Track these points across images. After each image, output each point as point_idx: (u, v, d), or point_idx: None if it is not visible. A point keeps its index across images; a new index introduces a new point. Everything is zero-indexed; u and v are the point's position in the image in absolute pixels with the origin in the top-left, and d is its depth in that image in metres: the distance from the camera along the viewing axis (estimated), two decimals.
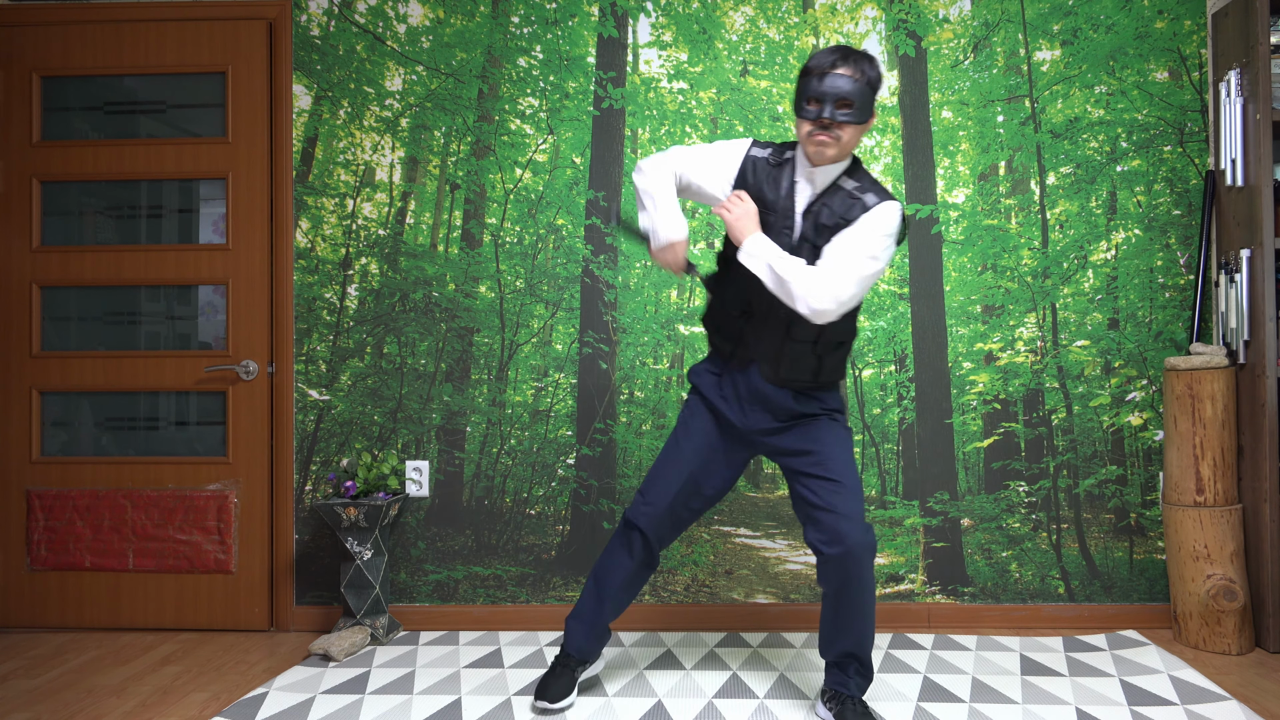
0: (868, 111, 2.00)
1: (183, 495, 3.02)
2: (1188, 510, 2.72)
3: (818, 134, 1.99)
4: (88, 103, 3.10)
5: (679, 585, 3.01)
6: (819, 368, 2.13)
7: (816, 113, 1.97)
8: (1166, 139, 2.98)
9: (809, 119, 1.99)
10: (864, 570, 2.07)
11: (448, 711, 2.27)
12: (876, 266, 2.00)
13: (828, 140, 1.99)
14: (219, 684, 2.52)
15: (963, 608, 2.95)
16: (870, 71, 2.01)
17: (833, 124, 1.97)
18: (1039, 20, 3.00)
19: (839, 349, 2.15)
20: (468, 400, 3.05)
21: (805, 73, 2.03)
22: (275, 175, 3.03)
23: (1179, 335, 2.96)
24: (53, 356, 3.07)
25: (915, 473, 3.01)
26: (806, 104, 2.00)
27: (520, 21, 3.05)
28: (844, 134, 2.00)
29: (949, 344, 3.01)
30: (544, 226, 3.05)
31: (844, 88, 1.96)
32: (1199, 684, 2.41)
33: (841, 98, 1.96)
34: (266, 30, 3.04)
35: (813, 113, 1.98)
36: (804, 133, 2.02)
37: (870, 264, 1.99)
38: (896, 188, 3.01)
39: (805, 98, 2.00)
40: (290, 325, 3.03)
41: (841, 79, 1.96)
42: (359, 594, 2.80)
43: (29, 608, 3.05)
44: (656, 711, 2.27)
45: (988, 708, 2.27)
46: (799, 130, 2.04)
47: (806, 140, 2.03)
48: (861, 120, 1.99)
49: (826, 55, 2.00)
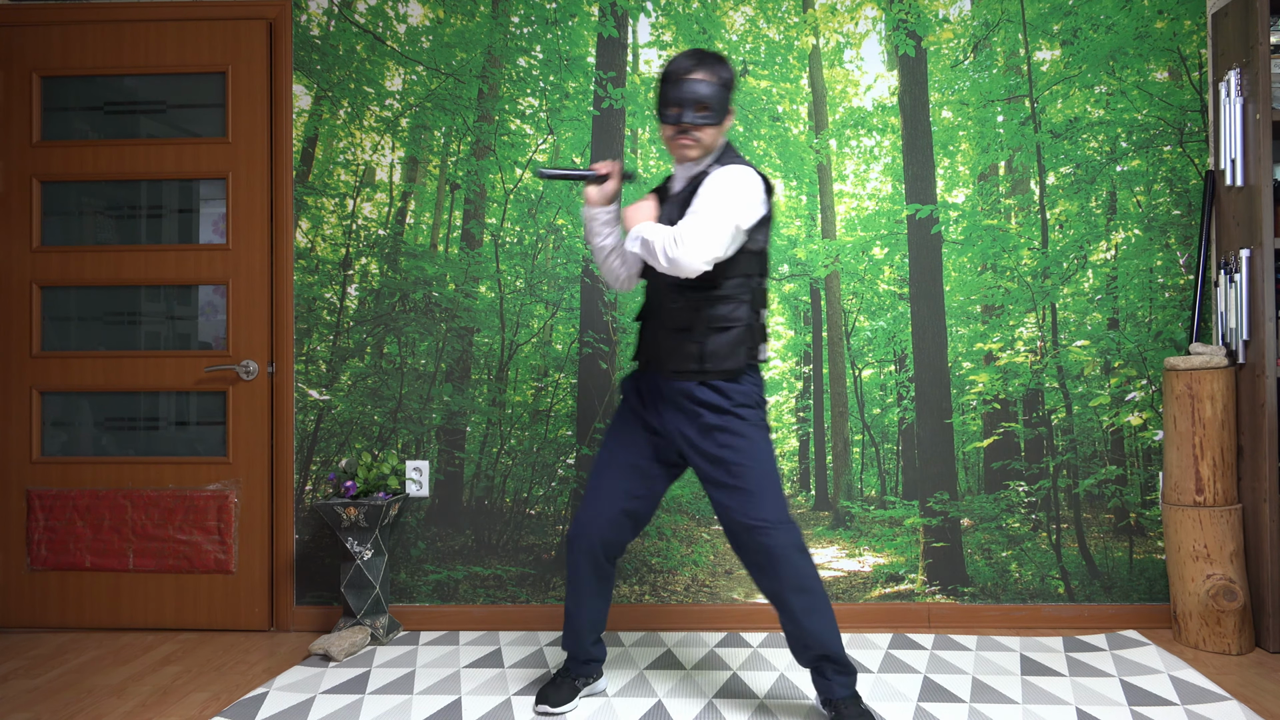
0: (724, 112, 2.11)
1: (183, 495, 3.02)
2: (1187, 510, 2.73)
3: (679, 138, 2.10)
4: (88, 103, 3.10)
5: (679, 585, 3.01)
6: (702, 354, 2.10)
7: (677, 117, 2.08)
8: (1166, 139, 2.98)
9: (670, 123, 2.10)
10: (798, 570, 2.09)
11: (448, 711, 2.28)
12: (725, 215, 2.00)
13: (689, 143, 2.10)
14: (219, 684, 2.52)
15: (963, 608, 2.96)
16: (724, 73, 2.11)
17: (692, 127, 2.08)
18: (1039, 20, 3.00)
19: (724, 334, 2.11)
20: (468, 400, 3.05)
21: (664, 79, 2.11)
22: (275, 175, 3.03)
23: (1179, 335, 2.96)
24: (53, 356, 3.07)
25: (915, 473, 3.01)
26: (667, 110, 2.10)
27: (520, 21, 3.05)
28: (703, 135, 2.10)
29: (949, 344, 3.01)
30: (544, 226, 3.05)
31: (701, 92, 2.06)
32: (1199, 684, 2.41)
33: (699, 102, 2.07)
34: (266, 30, 3.04)
35: (673, 117, 2.09)
36: (667, 136, 2.14)
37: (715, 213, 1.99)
38: (896, 187, 3.02)
39: (666, 103, 2.10)
40: (290, 325, 3.03)
41: (699, 84, 2.06)
42: (359, 594, 2.80)
43: (29, 608, 3.05)
44: (656, 711, 2.27)
45: (988, 708, 2.27)
46: (662, 134, 2.15)
47: (670, 144, 2.14)
48: (718, 122, 2.10)
49: (683, 60, 2.09)
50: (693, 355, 2.11)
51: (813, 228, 3.04)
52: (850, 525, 3.01)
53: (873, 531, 3.00)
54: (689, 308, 2.12)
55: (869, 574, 2.99)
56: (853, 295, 3.04)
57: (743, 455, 2.10)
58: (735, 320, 2.12)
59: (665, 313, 2.15)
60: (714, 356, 2.11)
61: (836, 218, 3.03)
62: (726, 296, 2.11)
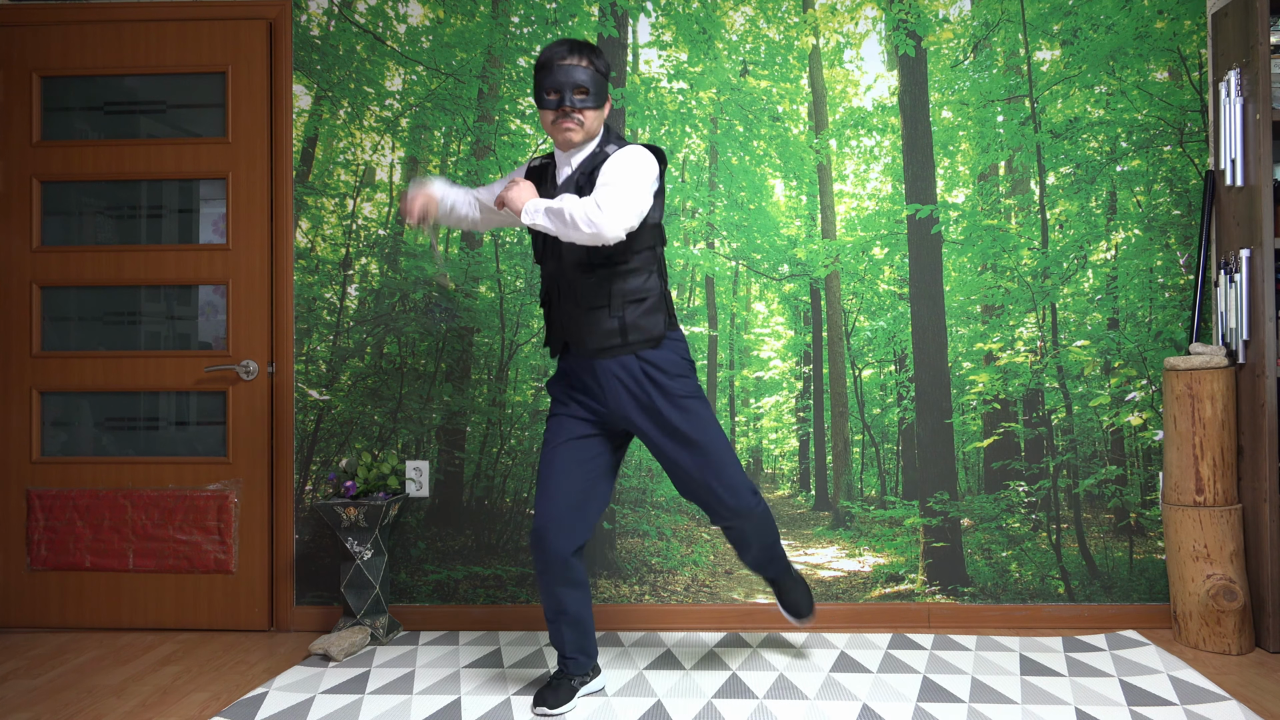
0: (603, 97, 2.18)
1: (183, 495, 3.02)
2: (1187, 510, 2.72)
3: (561, 120, 2.15)
4: (88, 103, 3.11)
5: (679, 585, 3.01)
6: (624, 328, 2.18)
7: (557, 101, 2.13)
8: (1166, 139, 2.98)
9: (550, 108, 2.15)
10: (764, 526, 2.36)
11: (447, 711, 2.28)
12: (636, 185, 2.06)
13: (571, 126, 2.15)
14: (219, 684, 2.52)
15: (963, 608, 2.96)
16: (599, 61, 2.18)
17: (573, 110, 2.13)
18: (1039, 20, 3.00)
19: (640, 304, 2.19)
20: (468, 400, 3.05)
21: (540, 67, 2.16)
22: (275, 175, 3.03)
23: (1179, 335, 2.96)
24: (53, 356, 3.07)
25: (915, 473, 3.01)
26: (546, 95, 2.15)
27: (520, 21, 3.05)
28: (585, 118, 2.16)
29: (949, 344, 3.01)
30: None
31: (579, 77, 2.13)
32: (1199, 684, 2.41)
33: (578, 85, 2.13)
34: (266, 30, 3.04)
35: (553, 102, 2.14)
36: (549, 121, 2.18)
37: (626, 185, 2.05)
38: (896, 187, 3.02)
39: (544, 89, 2.15)
40: (290, 325, 3.03)
41: (575, 69, 2.13)
42: (359, 594, 2.80)
43: (29, 608, 3.05)
44: (656, 711, 2.27)
45: (987, 708, 2.27)
46: (544, 121, 2.19)
47: (553, 129, 2.18)
48: (598, 105, 2.17)
49: (557, 47, 2.15)
50: (614, 331, 2.18)
51: (813, 228, 3.04)
52: (850, 525, 3.01)
53: (873, 531, 3.00)
54: (600, 284, 2.17)
55: (869, 574, 2.99)
56: (853, 295, 3.04)
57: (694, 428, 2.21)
58: (649, 290, 2.21)
59: (579, 292, 2.19)
60: (635, 329, 2.18)
61: (836, 218, 3.03)
62: (636, 269, 2.20)
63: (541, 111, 2.18)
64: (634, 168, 2.10)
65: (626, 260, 2.17)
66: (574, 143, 2.18)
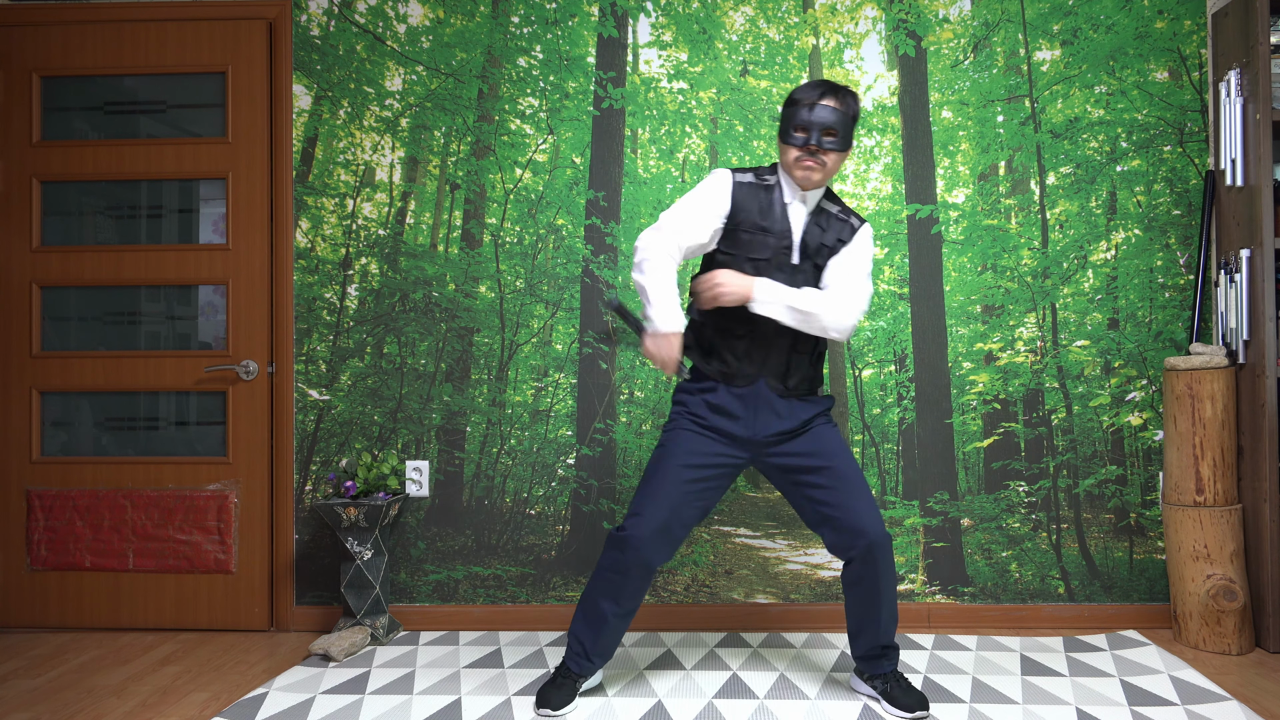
0: (849, 141, 2.17)
1: (183, 495, 3.02)
2: (1188, 510, 2.72)
3: (805, 160, 2.14)
4: (88, 103, 3.10)
5: (679, 585, 3.01)
6: (815, 375, 2.30)
7: (805, 140, 2.13)
8: (1166, 139, 2.98)
9: (797, 145, 2.14)
10: (888, 561, 2.22)
11: (448, 711, 2.28)
12: (870, 286, 2.25)
13: (814, 166, 2.14)
14: (219, 684, 2.52)
15: (963, 608, 2.96)
16: (852, 106, 2.17)
17: (819, 150, 2.13)
18: (1039, 20, 3.00)
19: (821, 357, 2.34)
20: (468, 400, 3.05)
21: (793, 103, 2.17)
22: (275, 175, 3.03)
23: (1179, 335, 2.96)
24: (53, 356, 3.07)
25: (915, 473, 3.01)
26: (795, 131, 2.15)
27: (520, 21, 3.05)
28: (829, 160, 2.15)
29: (949, 344, 3.01)
30: (544, 226, 3.05)
31: (830, 119, 2.12)
32: (1199, 684, 2.41)
33: (828, 128, 2.13)
34: (266, 30, 3.04)
35: (801, 140, 2.13)
36: (791, 159, 2.16)
37: (868, 280, 2.23)
38: (897, 187, 3.02)
39: (794, 125, 2.15)
40: (290, 325, 3.03)
41: (828, 110, 2.12)
42: (359, 594, 2.80)
43: (29, 608, 3.05)
44: (656, 712, 2.27)
45: (988, 708, 2.27)
46: (785, 156, 2.18)
47: (794, 165, 2.16)
48: (844, 149, 2.16)
49: (815, 87, 2.15)
50: (810, 376, 2.28)
51: None
52: None
53: None
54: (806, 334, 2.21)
55: None
56: None
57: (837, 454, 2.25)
58: (823, 345, 2.32)
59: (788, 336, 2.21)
60: (820, 374, 2.32)
61: None
62: None
63: (783, 146, 2.17)
64: (870, 261, 2.24)
65: None
66: (814, 183, 2.17)
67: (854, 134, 2.20)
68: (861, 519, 2.17)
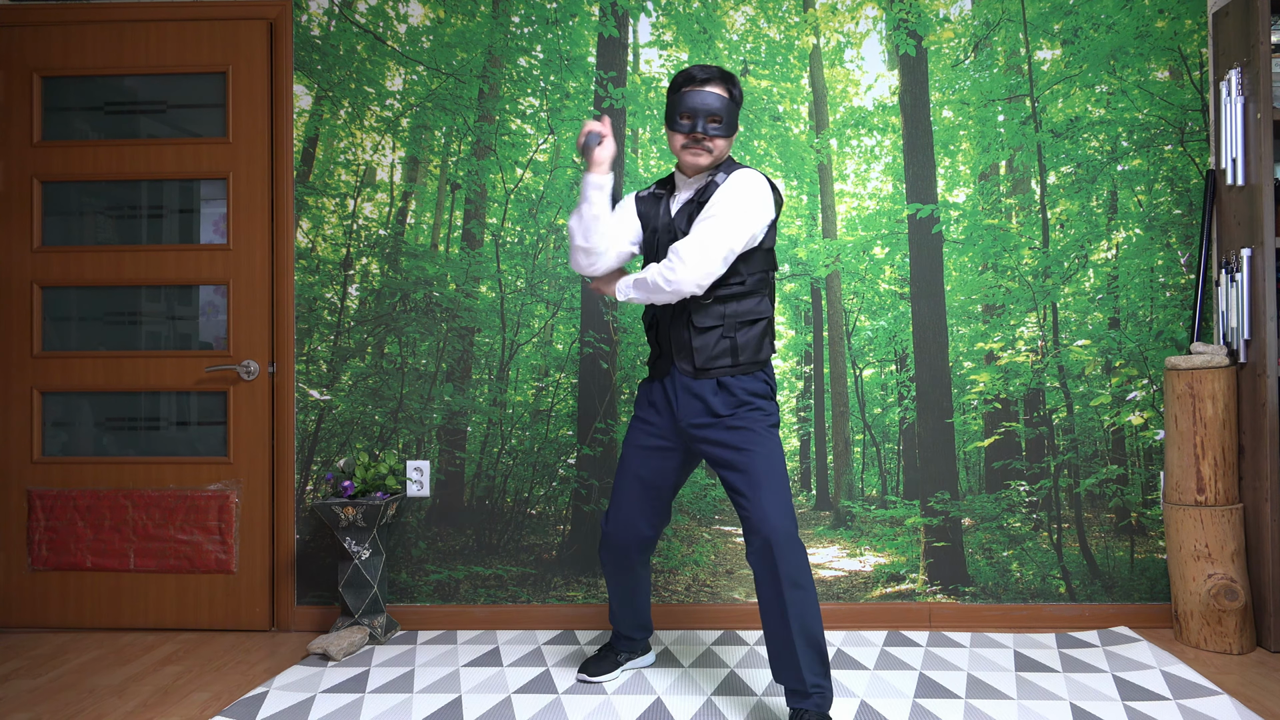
0: (734, 126, 2.17)
1: (184, 495, 3.02)
2: (1188, 510, 2.72)
3: (691, 146, 2.15)
4: (88, 103, 3.11)
5: (680, 585, 3.01)
6: (734, 348, 2.19)
7: (690, 126, 2.13)
8: (1167, 138, 2.97)
9: (683, 132, 2.15)
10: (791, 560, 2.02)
11: (448, 710, 2.28)
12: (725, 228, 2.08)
13: (700, 151, 2.16)
14: (220, 684, 2.52)
15: (964, 607, 2.95)
16: (735, 91, 2.18)
17: (705, 137, 2.13)
18: (1039, 19, 3.00)
19: (752, 327, 2.20)
20: (468, 400, 3.05)
21: (676, 89, 2.17)
22: (276, 175, 3.04)
23: (1180, 334, 2.96)
24: (53, 357, 3.07)
25: (916, 472, 3.01)
26: (680, 118, 2.15)
27: (521, 21, 3.05)
28: (715, 146, 2.16)
29: (950, 343, 3.01)
30: (545, 226, 3.05)
31: (714, 105, 2.12)
32: (1191, 679, 2.41)
33: (712, 114, 2.13)
34: (267, 30, 3.04)
35: (686, 126, 2.14)
36: (678, 145, 2.18)
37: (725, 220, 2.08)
38: (897, 187, 3.02)
39: (679, 112, 2.15)
40: (291, 325, 3.03)
41: (712, 96, 2.12)
42: (357, 593, 2.80)
43: (30, 608, 3.05)
44: (656, 709, 2.27)
45: (984, 704, 2.27)
46: (672, 143, 2.19)
47: (681, 152, 2.18)
48: (729, 134, 2.16)
49: (698, 72, 2.15)
50: (726, 350, 2.18)
51: (813, 227, 3.03)
52: (851, 525, 3.01)
53: (874, 531, 3.00)
54: (716, 306, 2.18)
55: (870, 574, 2.99)
56: (853, 295, 3.03)
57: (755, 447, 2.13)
58: (761, 314, 2.21)
59: (693, 311, 2.18)
60: (745, 350, 2.19)
61: (837, 217, 3.03)
62: (751, 291, 2.20)
63: (670, 133, 2.18)
64: (733, 205, 2.09)
65: (743, 282, 2.18)
66: (701, 168, 2.19)
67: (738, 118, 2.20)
68: (764, 510, 2.04)
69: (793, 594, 2.02)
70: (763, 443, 2.14)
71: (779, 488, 2.10)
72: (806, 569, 2.06)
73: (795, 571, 2.03)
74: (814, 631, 2.04)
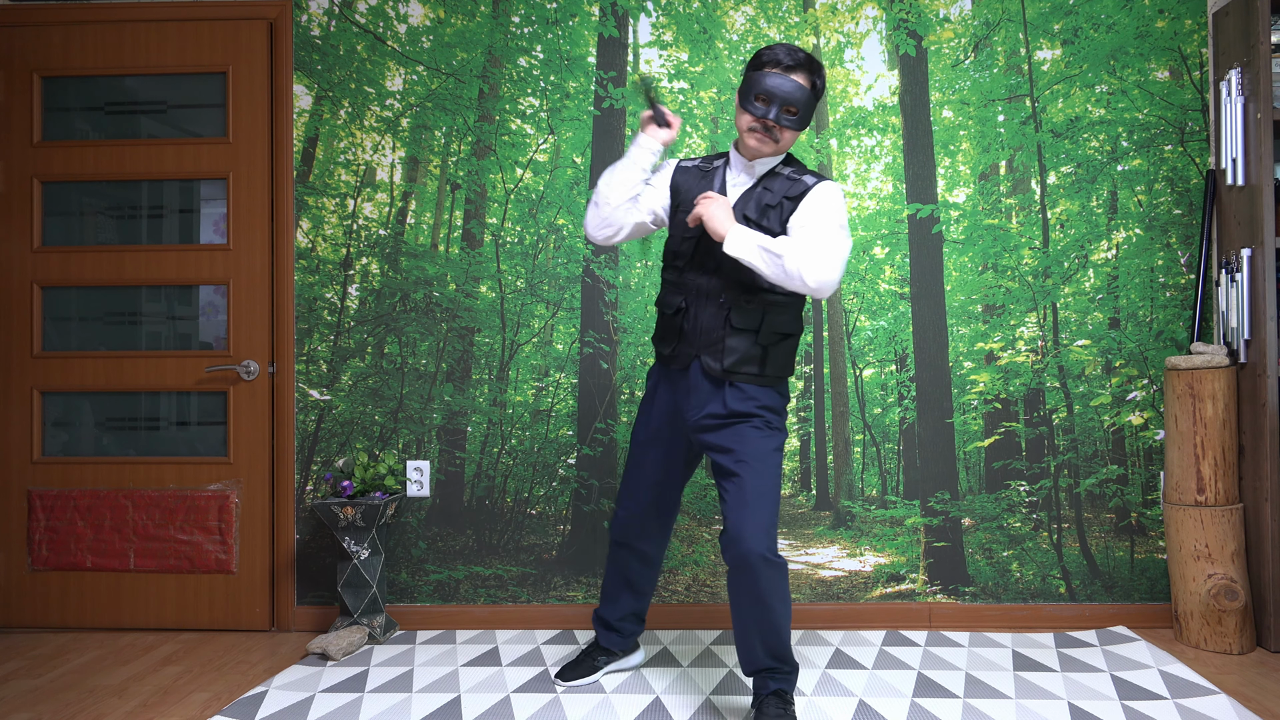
0: (808, 120, 2.05)
1: (184, 495, 3.02)
2: (1189, 510, 2.72)
3: (759, 131, 2.04)
4: (88, 103, 3.11)
5: (680, 585, 3.01)
6: (764, 358, 2.11)
7: (764, 111, 2.01)
8: (1167, 138, 2.97)
9: (754, 114, 2.02)
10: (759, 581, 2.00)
11: (447, 709, 2.28)
12: (847, 241, 2.03)
13: (767, 139, 2.05)
14: (220, 684, 2.52)
15: (964, 607, 2.95)
16: (819, 82, 2.06)
17: (775, 126, 2.03)
18: (1040, 19, 3.00)
19: (784, 341, 2.15)
20: (468, 400, 3.05)
21: (759, 66, 2.03)
22: (276, 175, 3.04)
23: (1180, 334, 2.96)
24: (54, 357, 3.08)
25: (916, 472, 3.01)
26: (755, 99, 2.02)
27: (521, 21, 3.05)
28: (784, 137, 2.06)
29: (950, 343, 3.01)
30: (545, 226, 3.05)
31: (793, 94, 2.00)
32: (1189, 679, 2.41)
33: (789, 103, 2.01)
34: (267, 30, 3.04)
35: (760, 110, 2.02)
36: (745, 125, 2.06)
37: (842, 236, 2.02)
38: (897, 187, 3.01)
39: (755, 92, 2.01)
40: (291, 325, 3.03)
41: (793, 84, 1.99)
42: (356, 593, 2.80)
43: (30, 608, 3.05)
44: (654, 708, 2.27)
45: (982, 703, 2.27)
46: (739, 120, 2.07)
47: (747, 134, 2.06)
48: (800, 128, 2.05)
49: (785, 55, 2.01)
50: (756, 358, 2.10)
51: None
52: (851, 525, 3.01)
53: (874, 531, 3.00)
54: (757, 311, 2.09)
55: (870, 574, 2.99)
56: (853, 295, 3.03)
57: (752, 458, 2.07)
58: (795, 330, 2.16)
59: (732, 312, 2.09)
60: (773, 362, 2.12)
61: None
62: (790, 305, 2.14)
63: (740, 110, 2.06)
64: (842, 217, 2.04)
65: (787, 294, 2.11)
66: (763, 155, 2.09)
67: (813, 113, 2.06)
68: (742, 529, 1.99)
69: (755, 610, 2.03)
70: (763, 460, 2.07)
71: (765, 508, 2.03)
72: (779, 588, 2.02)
73: (765, 591, 2.01)
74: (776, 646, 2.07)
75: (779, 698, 2.10)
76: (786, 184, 2.09)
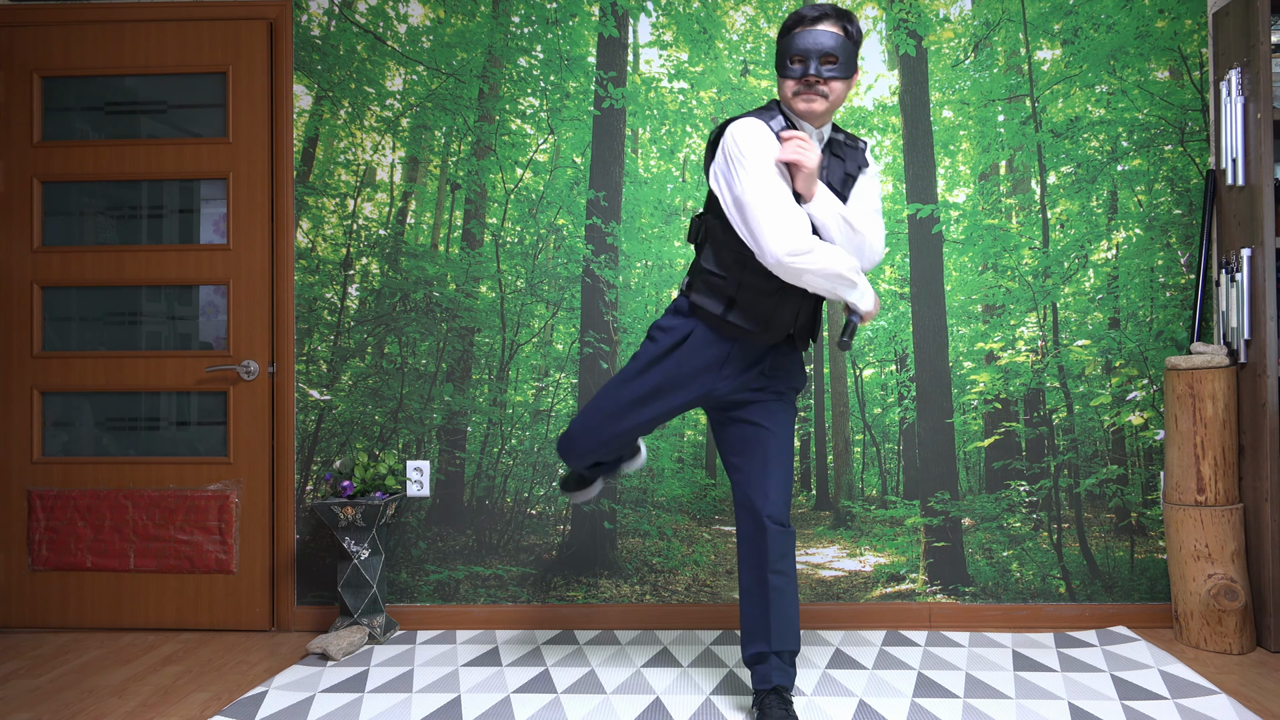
0: (852, 67, 1.97)
1: (184, 495, 3.02)
2: (1189, 510, 2.72)
3: (804, 92, 1.97)
4: (88, 103, 3.11)
5: (679, 585, 3.01)
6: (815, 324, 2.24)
7: (802, 70, 1.95)
8: (1167, 138, 2.97)
9: (794, 77, 1.96)
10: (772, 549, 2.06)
11: (447, 710, 2.28)
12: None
13: (814, 96, 1.96)
14: (219, 684, 2.52)
15: (964, 607, 2.95)
16: (852, 28, 1.98)
17: (819, 80, 1.95)
18: (1040, 19, 3.00)
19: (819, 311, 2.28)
20: (468, 400, 3.05)
21: (787, 30, 1.99)
22: (276, 175, 3.04)
23: (1180, 334, 2.95)
24: (54, 357, 3.08)
25: (916, 472, 3.01)
26: (791, 62, 1.96)
27: (521, 21, 3.05)
28: (832, 89, 1.97)
29: (950, 343, 3.01)
30: (545, 226, 3.05)
31: (829, 44, 1.93)
32: (1189, 678, 2.41)
33: (826, 54, 1.94)
34: (267, 30, 3.04)
35: (798, 71, 1.95)
36: (790, 92, 1.99)
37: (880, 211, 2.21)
38: (897, 187, 3.01)
39: (790, 55, 1.96)
40: (291, 325, 3.03)
41: (824, 34, 1.93)
42: (356, 593, 2.80)
43: (30, 608, 3.05)
44: (654, 708, 2.27)
45: (982, 703, 2.27)
46: (783, 90, 2.01)
47: (794, 99, 1.98)
48: (847, 76, 1.97)
49: (808, 11, 1.97)
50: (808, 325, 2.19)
51: None
52: (851, 525, 3.01)
53: (874, 531, 3.00)
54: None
55: (870, 574, 2.99)
56: None
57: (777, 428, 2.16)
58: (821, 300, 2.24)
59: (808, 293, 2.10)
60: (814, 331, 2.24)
61: None
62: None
63: (781, 80, 1.99)
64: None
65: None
66: (817, 114, 1.98)
67: (857, 59, 2.00)
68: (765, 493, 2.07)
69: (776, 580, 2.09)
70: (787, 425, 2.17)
71: (787, 473, 2.13)
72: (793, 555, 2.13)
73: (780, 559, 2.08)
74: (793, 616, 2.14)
75: (779, 695, 2.11)
76: (850, 152, 2.13)
